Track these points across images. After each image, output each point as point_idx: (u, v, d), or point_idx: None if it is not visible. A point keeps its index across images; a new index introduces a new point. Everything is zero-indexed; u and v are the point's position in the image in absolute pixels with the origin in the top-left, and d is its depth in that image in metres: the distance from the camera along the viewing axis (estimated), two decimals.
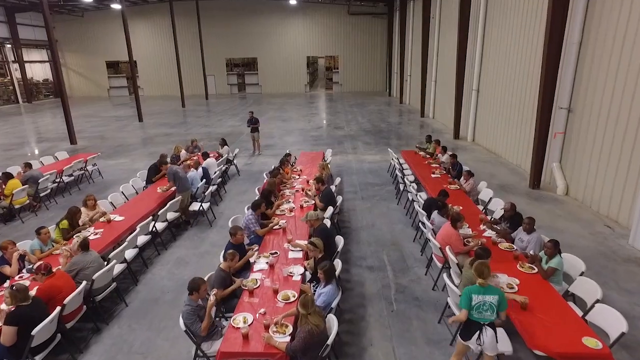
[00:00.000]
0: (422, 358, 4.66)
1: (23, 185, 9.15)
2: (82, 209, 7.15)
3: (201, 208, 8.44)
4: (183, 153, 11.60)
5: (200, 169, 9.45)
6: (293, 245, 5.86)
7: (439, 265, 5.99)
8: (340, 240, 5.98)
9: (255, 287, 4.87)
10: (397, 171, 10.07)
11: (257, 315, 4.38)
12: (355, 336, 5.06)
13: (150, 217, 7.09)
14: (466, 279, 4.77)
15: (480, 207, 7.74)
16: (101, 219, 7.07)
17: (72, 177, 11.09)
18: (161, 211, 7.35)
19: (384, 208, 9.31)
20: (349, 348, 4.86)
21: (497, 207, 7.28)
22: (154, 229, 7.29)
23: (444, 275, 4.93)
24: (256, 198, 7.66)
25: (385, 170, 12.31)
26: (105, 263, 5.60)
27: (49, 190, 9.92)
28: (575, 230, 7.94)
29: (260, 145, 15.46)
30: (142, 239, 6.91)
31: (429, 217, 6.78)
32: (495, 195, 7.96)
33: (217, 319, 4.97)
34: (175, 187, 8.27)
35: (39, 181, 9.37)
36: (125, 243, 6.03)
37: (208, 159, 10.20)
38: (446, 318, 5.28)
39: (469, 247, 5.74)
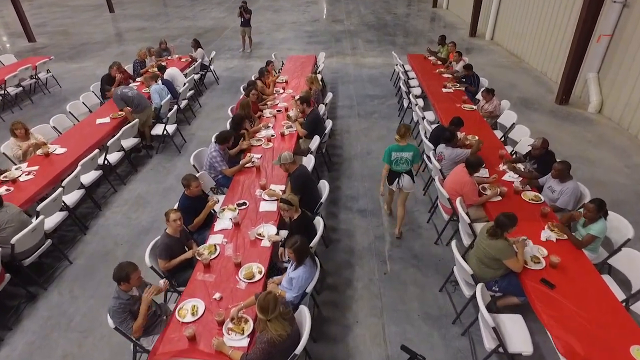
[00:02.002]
0: (418, 341, 3.85)
1: None
2: (12, 140, 5.85)
3: (165, 132, 7.09)
4: (152, 59, 9.74)
5: (159, 83, 7.82)
6: (267, 193, 4.71)
7: (445, 216, 4.92)
8: (324, 187, 4.81)
9: (212, 257, 3.86)
10: (401, 82, 8.44)
11: (211, 300, 3.44)
12: (338, 309, 4.21)
13: (97, 151, 5.81)
14: (481, 250, 3.71)
15: (499, 134, 6.39)
16: (37, 152, 5.81)
17: (21, 88, 9.47)
18: (111, 141, 6.03)
19: (384, 129, 7.94)
20: (330, 326, 4.03)
21: (521, 137, 5.93)
22: (105, 162, 6.09)
23: (452, 245, 3.86)
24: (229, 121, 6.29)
25: (388, 78, 10.58)
26: (35, 217, 4.53)
27: None
28: (608, 161, 6.70)
29: (252, 42, 13.39)
30: (89, 177, 5.76)
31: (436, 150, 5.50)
32: (514, 113, 6.51)
33: (169, 293, 4.08)
34: (130, 110, 6.81)
35: None
36: (58, 190, 4.87)
37: (168, 70, 8.44)
38: (450, 284, 4.39)
39: (485, 197, 4.58)
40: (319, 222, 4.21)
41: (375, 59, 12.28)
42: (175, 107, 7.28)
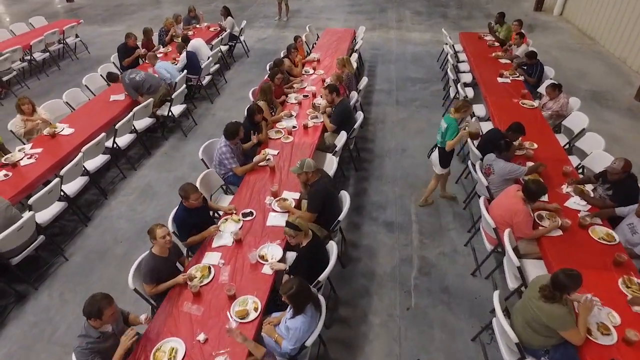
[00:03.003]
0: None
1: None
2: (18, 118, 5.50)
3: (170, 113, 6.50)
4: (179, 27, 9.08)
5: (183, 55, 7.21)
6: (279, 204, 4.06)
7: (488, 246, 4.09)
8: (345, 200, 4.09)
9: (205, 283, 3.31)
10: (449, 67, 7.34)
11: (194, 341, 2.91)
12: (348, 351, 3.60)
13: (103, 135, 5.34)
14: (530, 312, 2.90)
15: (562, 140, 5.33)
16: (44, 132, 5.42)
17: (48, 54, 9.18)
18: (119, 124, 5.55)
19: (424, 121, 6.99)
20: None
21: (593, 149, 4.87)
22: (114, 145, 5.65)
23: (494, 297, 3.08)
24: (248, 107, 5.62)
25: (434, 58, 9.41)
26: (28, 210, 4.16)
27: (14, 72, 8.20)
28: None
29: (289, 9, 12.43)
30: (95, 163, 5.34)
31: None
32: (585, 116, 5.35)
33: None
34: (144, 96, 6.26)
35: None
36: (55, 181, 4.45)
37: (193, 41, 7.76)
38: (486, 333, 3.64)
39: (541, 231, 3.69)
40: (332, 248, 3.54)
41: (423, 34, 11.02)
42: (184, 85, 6.61)
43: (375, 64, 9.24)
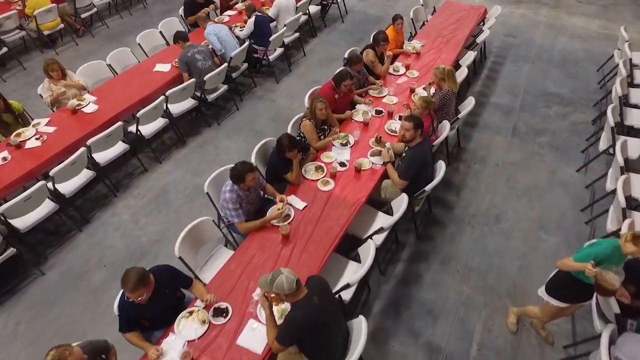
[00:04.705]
0: None
1: (54, 2, 7.08)
2: (46, 82, 4.84)
3: (203, 96, 5.29)
4: None
5: (251, 20, 5.85)
6: (260, 301, 2.77)
7: None
8: (358, 332, 2.64)
9: None
10: (613, 93, 4.85)
11: None
12: None
13: (120, 124, 4.43)
14: None
15: None
16: (68, 105, 4.71)
17: None
18: (142, 112, 4.58)
19: (544, 174, 4.83)
20: None
21: None
22: (138, 133, 4.79)
23: None
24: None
25: (595, 64, 6.60)
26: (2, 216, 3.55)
27: (94, 10, 7.69)
28: None
29: None
30: (108, 155, 4.54)
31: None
32: None
33: None
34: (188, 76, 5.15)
35: None
36: (39, 184, 3.71)
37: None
38: None
39: None
40: None
41: (590, 20, 7.89)
42: (225, 65, 5.28)
43: (502, 60, 6.82)
